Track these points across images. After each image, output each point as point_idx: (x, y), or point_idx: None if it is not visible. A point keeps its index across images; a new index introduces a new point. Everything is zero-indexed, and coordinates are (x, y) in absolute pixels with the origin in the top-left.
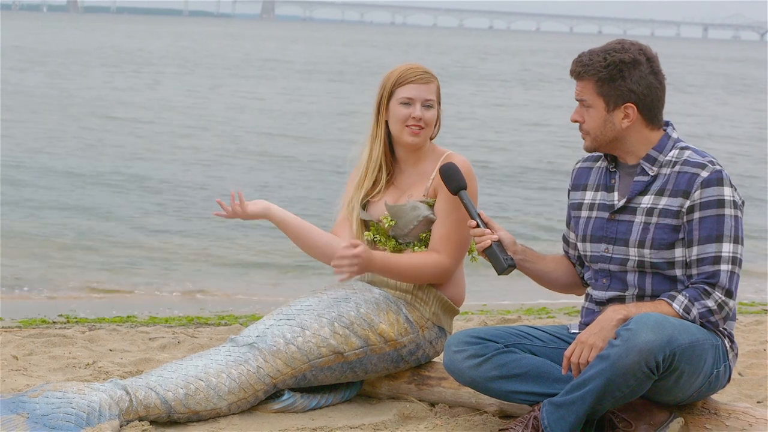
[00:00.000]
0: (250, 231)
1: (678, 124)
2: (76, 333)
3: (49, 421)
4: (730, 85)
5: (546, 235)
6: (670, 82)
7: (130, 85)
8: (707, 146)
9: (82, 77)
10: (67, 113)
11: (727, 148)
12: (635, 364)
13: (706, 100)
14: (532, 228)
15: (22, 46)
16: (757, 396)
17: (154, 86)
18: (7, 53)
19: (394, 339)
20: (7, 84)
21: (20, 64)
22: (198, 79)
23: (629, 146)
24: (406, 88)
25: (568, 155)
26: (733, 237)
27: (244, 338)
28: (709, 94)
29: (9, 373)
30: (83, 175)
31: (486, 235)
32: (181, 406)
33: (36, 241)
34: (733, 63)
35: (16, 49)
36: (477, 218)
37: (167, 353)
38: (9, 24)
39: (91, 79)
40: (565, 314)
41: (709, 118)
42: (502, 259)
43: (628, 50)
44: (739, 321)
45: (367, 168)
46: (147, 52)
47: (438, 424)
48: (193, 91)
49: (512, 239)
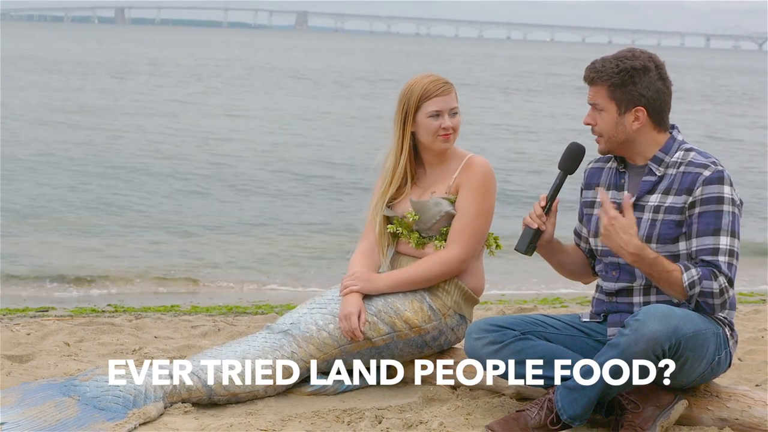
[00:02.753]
0: (289, 227)
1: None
2: (124, 321)
3: (99, 403)
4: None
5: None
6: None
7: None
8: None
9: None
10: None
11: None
12: (643, 352)
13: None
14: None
15: (97, 60)
16: (756, 379)
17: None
18: (61, 63)
19: (419, 326)
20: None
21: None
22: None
23: (638, 148)
24: (432, 102)
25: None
26: (730, 231)
27: (279, 325)
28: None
29: (61, 359)
30: (140, 170)
31: (541, 219)
32: (221, 388)
33: (90, 235)
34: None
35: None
36: (550, 201)
37: (208, 340)
38: (62, 34)
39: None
40: (578, 304)
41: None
42: (527, 246)
43: (638, 58)
44: (739, 310)
45: (393, 177)
46: (209, 62)
47: (459, 405)
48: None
49: (551, 235)
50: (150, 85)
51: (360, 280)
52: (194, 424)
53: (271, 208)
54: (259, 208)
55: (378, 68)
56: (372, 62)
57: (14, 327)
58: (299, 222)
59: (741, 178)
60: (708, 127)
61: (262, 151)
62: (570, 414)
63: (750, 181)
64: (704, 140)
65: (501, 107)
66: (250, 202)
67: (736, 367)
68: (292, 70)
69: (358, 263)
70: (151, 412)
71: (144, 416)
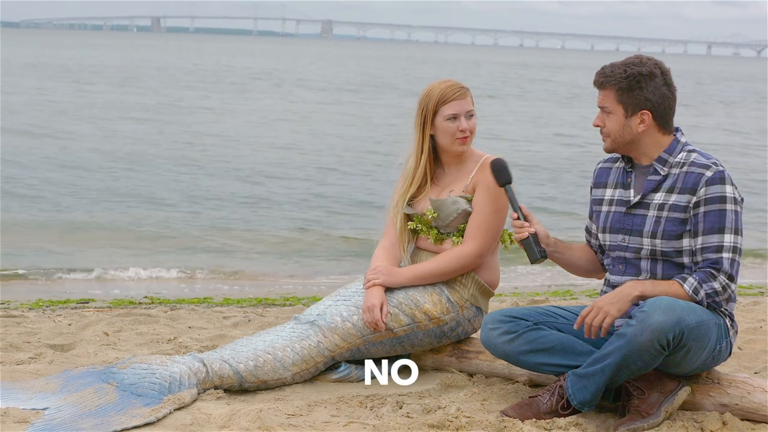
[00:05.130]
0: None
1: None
2: (159, 312)
3: (136, 390)
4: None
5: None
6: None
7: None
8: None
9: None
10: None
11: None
12: (649, 342)
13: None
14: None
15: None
16: (755, 367)
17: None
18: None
19: (437, 317)
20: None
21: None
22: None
23: (643, 148)
24: (450, 106)
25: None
26: (734, 229)
27: (306, 317)
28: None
29: (101, 348)
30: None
31: (524, 227)
32: (251, 376)
33: (130, 231)
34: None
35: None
36: (518, 211)
37: (239, 330)
38: (101, 42)
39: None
40: (587, 296)
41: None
42: (536, 251)
43: (645, 64)
44: (739, 302)
45: (413, 177)
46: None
47: (475, 392)
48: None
49: (546, 233)
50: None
51: (382, 273)
52: (226, 409)
53: (305, 209)
54: (298, 210)
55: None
56: (402, 70)
57: (56, 318)
58: (330, 223)
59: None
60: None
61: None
62: (579, 400)
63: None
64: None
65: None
66: (294, 206)
67: (736, 356)
68: (344, 81)
69: (380, 258)
70: (185, 398)
71: (179, 402)
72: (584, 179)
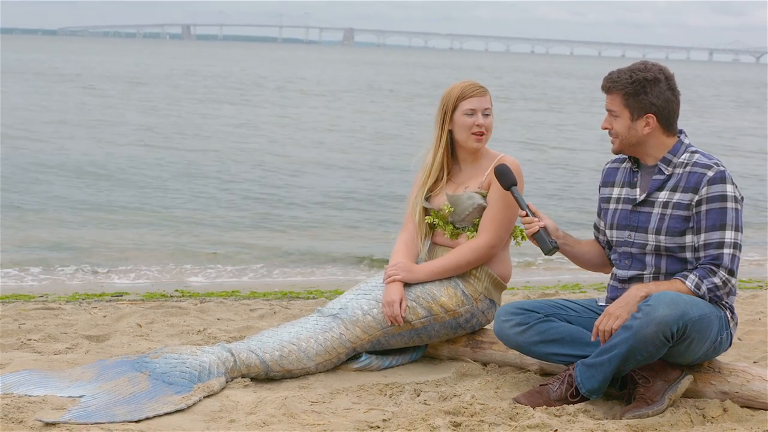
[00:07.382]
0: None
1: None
2: (190, 305)
3: (167, 378)
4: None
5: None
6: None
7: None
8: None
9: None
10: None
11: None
12: (654, 334)
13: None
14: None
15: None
16: (754, 357)
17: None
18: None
19: (453, 309)
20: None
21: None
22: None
23: (649, 149)
24: (469, 101)
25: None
26: (734, 226)
27: (329, 309)
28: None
29: (134, 339)
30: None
31: (534, 222)
32: (277, 365)
33: (164, 228)
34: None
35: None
36: (526, 209)
37: (265, 322)
38: (133, 48)
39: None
40: (595, 289)
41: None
42: (548, 242)
43: (650, 70)
44: (739, 295)
45: (431, 170)
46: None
47: (489, 380)
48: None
49: (555, 226)
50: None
51: (402, 270)
52: (252, 397)
53: (327, 210)
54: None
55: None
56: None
57: (92, 310)
58: (355, 221)
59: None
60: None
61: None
62: (588, 388)
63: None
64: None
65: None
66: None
67: (736, 346)
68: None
69: (400, 253)
70: (214, 386)
71: (208, 390)
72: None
